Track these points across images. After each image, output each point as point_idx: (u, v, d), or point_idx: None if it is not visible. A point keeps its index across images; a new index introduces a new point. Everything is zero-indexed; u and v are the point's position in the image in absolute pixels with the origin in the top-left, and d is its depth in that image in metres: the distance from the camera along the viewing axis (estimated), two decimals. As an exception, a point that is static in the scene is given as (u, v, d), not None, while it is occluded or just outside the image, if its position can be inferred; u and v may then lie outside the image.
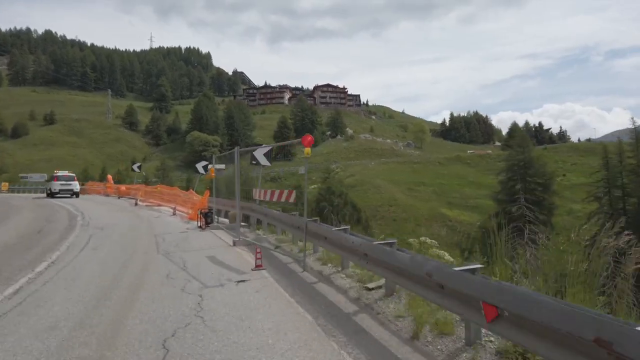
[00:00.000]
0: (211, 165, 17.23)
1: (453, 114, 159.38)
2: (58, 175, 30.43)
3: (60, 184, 29.53)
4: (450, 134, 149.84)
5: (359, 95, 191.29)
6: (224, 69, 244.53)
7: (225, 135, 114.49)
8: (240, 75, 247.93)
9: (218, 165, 19.86)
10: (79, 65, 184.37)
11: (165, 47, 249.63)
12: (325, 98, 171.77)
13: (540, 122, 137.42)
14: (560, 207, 64.59)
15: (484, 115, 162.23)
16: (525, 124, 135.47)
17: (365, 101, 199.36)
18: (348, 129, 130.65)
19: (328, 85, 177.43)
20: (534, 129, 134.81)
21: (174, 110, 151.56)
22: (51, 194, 29.20)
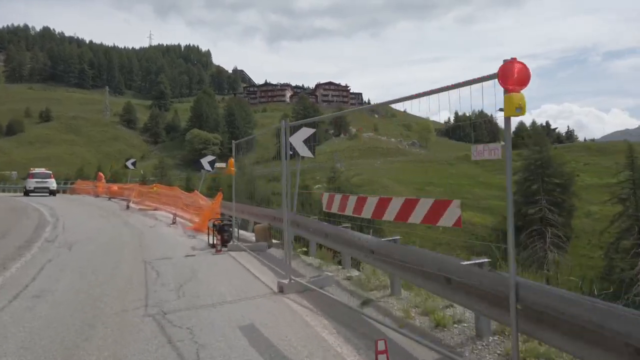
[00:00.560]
0: (215, 162, 14.43)
1: (458, 113, 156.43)
2: (33, 172, 29.36)
3: (36, 182, 28.60)
4: (455, 133, 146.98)
5: (361, 94, 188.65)
6: (223, 67, 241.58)
7: (225, 133, 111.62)
8: (240, 74, 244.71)
9: (219, 164, 16.85)
10: (77, 62, 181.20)
11: (165, 45, 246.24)
12: (328, 96, 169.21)
13: (547, 122, 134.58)
14: (578, 209, 61.76)
15: (489, 115, 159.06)
16: (532, 123, 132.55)
17: (367, 100, 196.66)
18: (351, 128, 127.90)
19: (330, 83, 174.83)
20: (541, 127, 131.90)
21: (173, 108, 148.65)
22: (27, 193, 28.26)
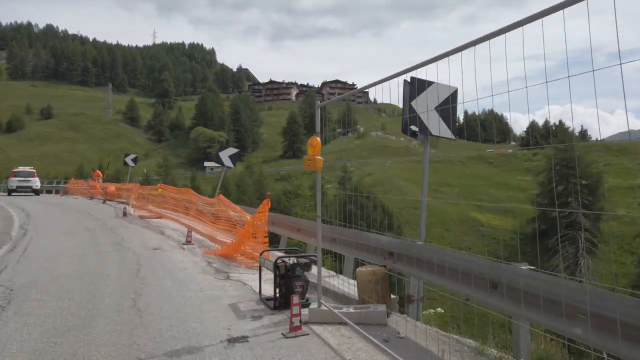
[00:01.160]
0: (237, 156, 11.07)
1: (467, 112, 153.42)
2: (16, 171, 28.40)
3: (18, 181, 27.28)
4: (465, 132, 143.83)
5: (368, 92, 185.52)
6: (227, 66, 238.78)
7: (231, 131, 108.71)
8: (245, 72, 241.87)
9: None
10: (80, 60, 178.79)
11: (169, 43, 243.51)
12: (334, 94, 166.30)
13: (560, 120, 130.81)
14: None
15: (499, 114, 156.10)
16: (545, 123, 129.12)
17: (374, 99, 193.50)
18: (359, 126, 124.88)
19: (336, 81, 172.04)
20: (554, 127, 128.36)
21: (177, 106, 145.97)
22: (9, 192, 27.15)
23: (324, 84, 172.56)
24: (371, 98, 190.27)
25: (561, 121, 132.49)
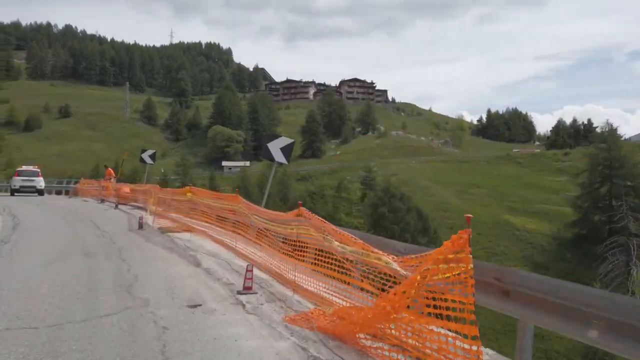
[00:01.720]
0: (291, 148, 8.17)
1: (490, 111, 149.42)
2: (20, 170, 27.30)
3: (22, 180, 25.83)
4: (488, 131, 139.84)
5: (387, 91, 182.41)
6: (244, 65, 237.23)
7: (249, 130, 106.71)
8: (261, 72, 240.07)
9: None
10: (98, 60, 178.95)
11: (186, 43, 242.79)
12: (353, 93, 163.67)
13: (589, 120, 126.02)
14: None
15: (524, 113, 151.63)
16: (573, 121, 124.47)
17: (392, 98, 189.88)
18: (380, 125, 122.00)
19: (355, 79, 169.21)
20: (582, 126, 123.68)
21: (195, 105, 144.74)
22: (11, 192, 25.85)
23: (342, 82, 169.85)
24: (389, 97, 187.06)
25: (590, 120, 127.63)
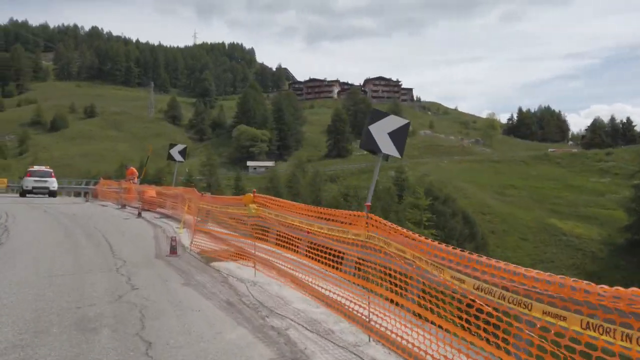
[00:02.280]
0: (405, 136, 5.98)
1: (522, 109, 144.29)
2: (31, 170, 25.92)
3: (34, 181, 24.46)
4: (519, 131, 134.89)
5: (412, 89, 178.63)
6: (267, 65, 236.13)
7: (274, 129, 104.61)
8: (284, 72, 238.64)
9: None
10: (123, 60, 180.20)
11: (209, 43, 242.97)
12: (378, 92, 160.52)
13: (628, 118, 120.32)
14: None
15: (557, 111, 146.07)
16: (611, 120, 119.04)
17: (417, 97, 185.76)
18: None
19: (380, 78, 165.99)
20: (621, 125, 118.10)
21: (219, 105, 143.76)
22: (23, 193, 24.38)
23: (367, 81, 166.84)
24: (414, 96, 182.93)
25: (629, 119, 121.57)
